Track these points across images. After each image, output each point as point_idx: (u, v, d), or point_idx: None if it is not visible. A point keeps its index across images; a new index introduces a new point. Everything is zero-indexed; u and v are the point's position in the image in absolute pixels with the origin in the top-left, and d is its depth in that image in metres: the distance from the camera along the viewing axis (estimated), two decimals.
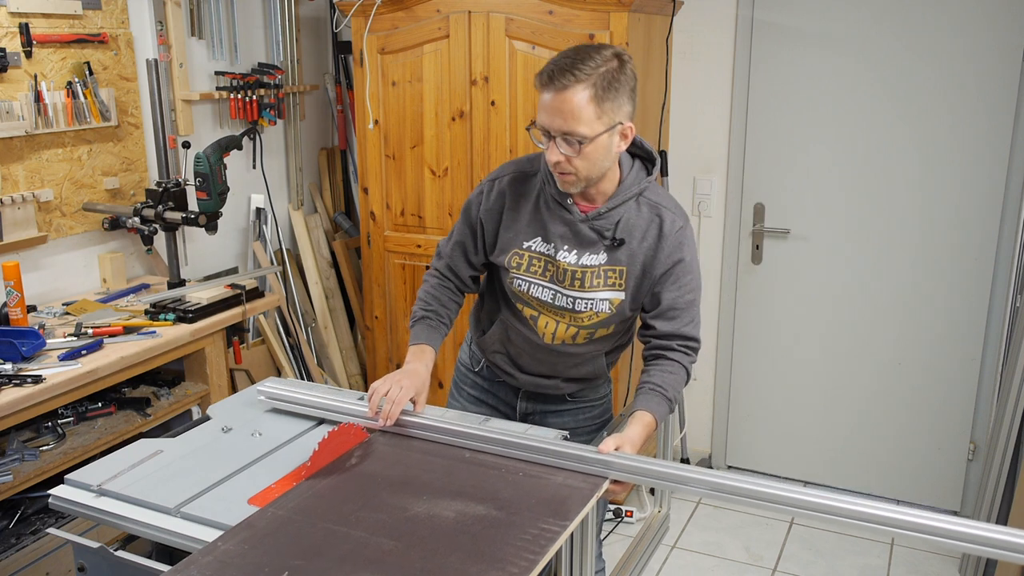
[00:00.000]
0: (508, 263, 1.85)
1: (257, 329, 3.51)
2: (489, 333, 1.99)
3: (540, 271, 1.83)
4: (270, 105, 3.51)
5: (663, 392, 1.75)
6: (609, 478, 1.56)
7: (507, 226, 1.87)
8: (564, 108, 1.63)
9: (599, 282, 1.80)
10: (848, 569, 2.99)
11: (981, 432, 3.22)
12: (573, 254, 1.80)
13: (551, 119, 1.65)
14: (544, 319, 1.87)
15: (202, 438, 1.78)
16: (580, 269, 1.79)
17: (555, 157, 1.68)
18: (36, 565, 2.28)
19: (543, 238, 1.82)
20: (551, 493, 1.50)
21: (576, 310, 1.82)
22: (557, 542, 1.34)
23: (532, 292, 1.85)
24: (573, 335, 1.86)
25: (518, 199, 1.86)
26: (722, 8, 3.28)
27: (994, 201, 3.04)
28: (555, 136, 1.67)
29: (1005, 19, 2.90)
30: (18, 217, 2.66)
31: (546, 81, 1.65)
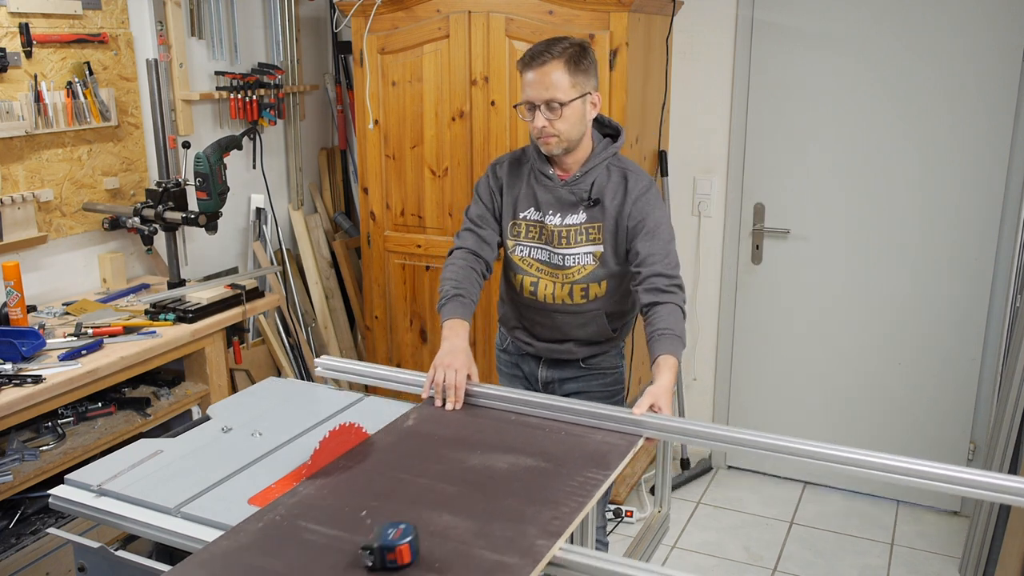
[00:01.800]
0: (509, 232, 2.18)
1: (257, 329, 3.51)
2: (505, 311, 2.32)
3: (536, 236, 2.15)
4: (270, 105, 3.51)
5: (672, 332, 1.96)
6: (643, 436, 1.76)
7: (507, 201, 2.19)
8: (544, 81, 1.99)
9: (581, 238, 2.11)
10: (848, 569, 2.99)
11: (981, 432, 3.22)
12: (558, 216, 2.12)
13: (535, 92, 2.00)
14: (543, 283, 2.16)
15: (202, 438, 1.78)
16: (564, 228, 2.11)
17: (540, 123, 2.01)
18: (36, 565, 2.28)
19: (535, 207, 2.15)
20: (592, 448, 1.68)
21: (566, 266, 2.13)
22: (602, 487, 1.54)
23: (532, 255, 2.16)
24: (569, 292, 2.15)
25: (514, 179, 2.19)
26: (722, 8, 3.28)
27: (994, 201, 3.04)
28: (539, 106, 2.01)
29: (1005, 19, 2.90)
30: (18, 217, 2.66)
31: (528, 61, 2.01)
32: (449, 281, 2.10)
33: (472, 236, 2.20)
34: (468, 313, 2.06)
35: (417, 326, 3.47)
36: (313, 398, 1.99)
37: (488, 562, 1.28)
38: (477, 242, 2.18)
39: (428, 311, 3.42)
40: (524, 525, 1.39)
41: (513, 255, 2.19)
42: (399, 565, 1.28)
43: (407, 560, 1.28)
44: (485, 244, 2.19)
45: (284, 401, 1.97)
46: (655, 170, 3.38)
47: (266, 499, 1.50)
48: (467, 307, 2.07)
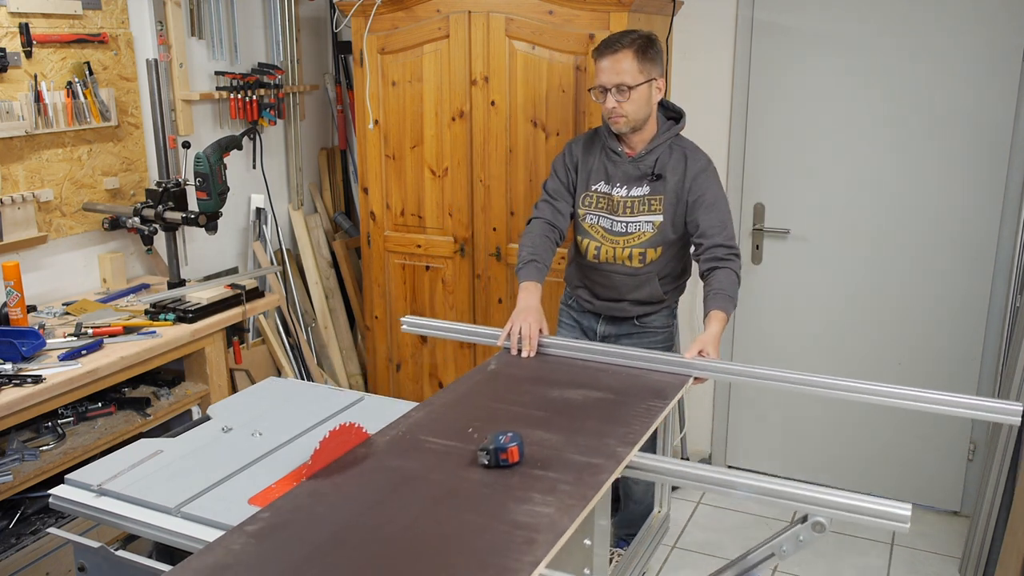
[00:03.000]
0: (580, 203, 2.49)
1: (257, 329, 3.51)
2: (571, 272, 2.65)
3: (603, 206, 2.46)
4: (270, 105, 3.51)
5: (724, 292, 2.28)
6: (693, 375, 2.06)
7: (581, 175, 2.51)
8: (616, 67, 2.31)
9: (644, 208, 2.42)
10: (848, 569, 2.99)
11: (981, 432, 3.22)
12: (624, 188, 2.44)
13: (607, 76, 2.33)
14: (604, 248, 2.47)
15: (202, 438, 1.78)
16: (629, 199, 2.43)
17: (611, 104, 2.34)
18: (36, 565, 2.28)
19: (605, 180, 2.46)
20: (651, 385, 2.00)
21: (627, 232, 2.44)
22: (663, 412, 1.86)
23: (599, 223, 2.47)
24: (628, 255, 2.46)
25: (588, 155, 2.51)
26: (722, 8, 3.28)
27: (994, 201, 3.04)
28: (610, 88, 2.33)
29: (1005, 19, 2.90)
30: (18, 217, 2.66)
31: (602, 50, 2.34)
32: (527, 248, 2.43)
33: (548, 207, 2.51)
34: (541, 276, 2.40)
35: None
36: (313, 398, 1.99)
37: (580, 463, 1.61)
38: (553, 213, 2.50)
39: (428, 311, 3.42)
40: (604, 438, 1.71)
41: (583, 222, 2.50)
42: (510, 463, 1.59)
43: (516, 459, 1.59)
44: (560, 215, 2.50)
45: (284, 401, 1.97)
46: None
47: (266, 499, 1.50)
48: (541, 271, 2.40)
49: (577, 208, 2.51)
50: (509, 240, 3.20)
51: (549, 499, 1.47)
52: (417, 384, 3.54)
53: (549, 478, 1.55)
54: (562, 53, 2.95)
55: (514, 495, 1.49)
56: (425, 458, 1.64)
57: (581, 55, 2.92)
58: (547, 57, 2.97)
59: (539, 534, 1.36)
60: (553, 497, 1.48)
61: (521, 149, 3.10)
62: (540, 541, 1.34)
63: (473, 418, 1.81)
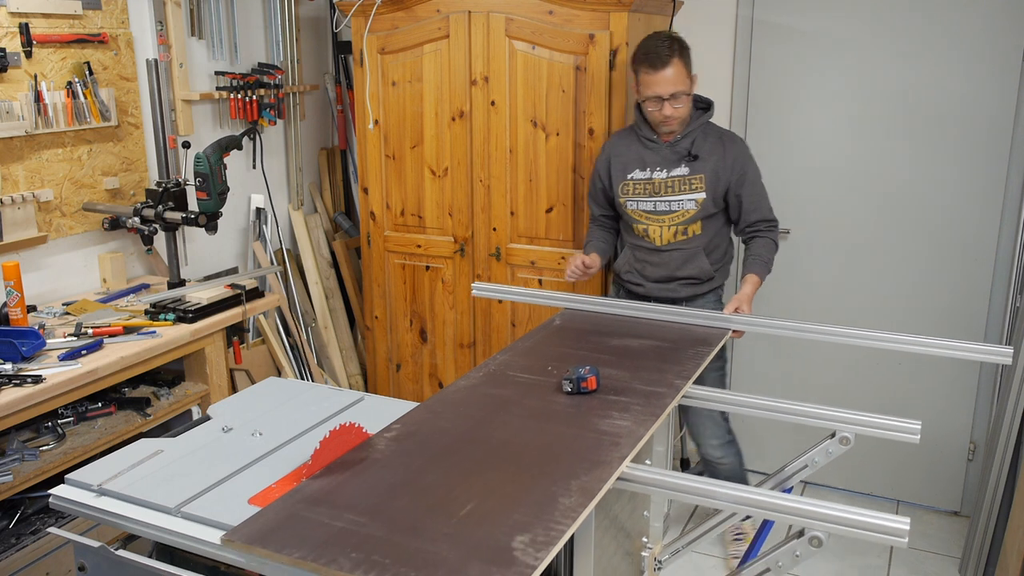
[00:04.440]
0: (620, 192, 2.73)
1: (257, 329, 3.51)
2: (621, 257, 2.84)
3: (642, 191, 2.69)
4: (270, 105, 3.51)
5: (761, 258, 2.67)
6: (731, 328, 2.36)
7: (616, 167, 2.74)
8: (670, 78, 2.51)
9: (685, 187, 2.64)
10: (848, 569, 2.99)
11: (981, 432, 3.22)
12: (663, 171, 2.66)
13: (664, 88, 2.52)
14: (652, 228, 2.70)
15: (202, 438, 1.78)
16: (670, 179, 2.65)
17: (669, 111, 2.55)
18: (36, 565, 2.28)
19: (640, 168, 2.68)
20: (697, 335, 2.31)
21: (672, 210, 2.66)
22: (710, 355, 2.15)
23: (640, 208, 2.70)
24: (673, 232, 2.68)
25: (622, 147, 2.74)
26: (722, 8, 3.28)
27: (994, 201, 3.04)
28: (667, 98, 2.53)
29: (1005, 19, 2.90)
30: (18, 217, 2.66)
31: (653, 63, 2.51)
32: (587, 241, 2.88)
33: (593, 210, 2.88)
34: (602, 252, 2.81)
35: (417, 326, 3.47)
36: (313, 398, 1.99)
37: (646, 391, 1.92)
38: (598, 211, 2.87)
39: (428, 311, 3.43)
40: (662, 373, 2.01)
41: (626, 209, 2.73)
42: (589, 391, 1.89)
43: (594, 387, 1.89)
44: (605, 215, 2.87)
45: (284, 401, 1.97)
46: None
47: (266, 499, 1.50)
48: (602, 250, 2.81)
49: (618, 198, 2.73)
50: (509, 240, 3.20)
51: (625, 415, 1.79)
52: (417, 384, 3.54)
53: (622, 401, 1.86)
54: (562, 53, 2.95)
55: (596, 413, 1.80)
56: (516, 388, 1.95)
57: (581, 55, 2.92)
58: (547, 57, 2.98)
59: (622, 439, 1.68)
60: (628, 414, 1.79)
61: (521, 149, 3.10)
62: (623, 443, 1.66)
63: (549, 359, 2.12)
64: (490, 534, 1.35)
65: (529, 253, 3.18)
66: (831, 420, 1.90)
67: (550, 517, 1.39)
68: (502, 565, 1.26)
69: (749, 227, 2.71)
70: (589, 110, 2.96)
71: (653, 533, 2.12)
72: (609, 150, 2.77)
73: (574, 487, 1.49)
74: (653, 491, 1.61)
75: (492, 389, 1.94)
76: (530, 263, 3.18)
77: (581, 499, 1.46)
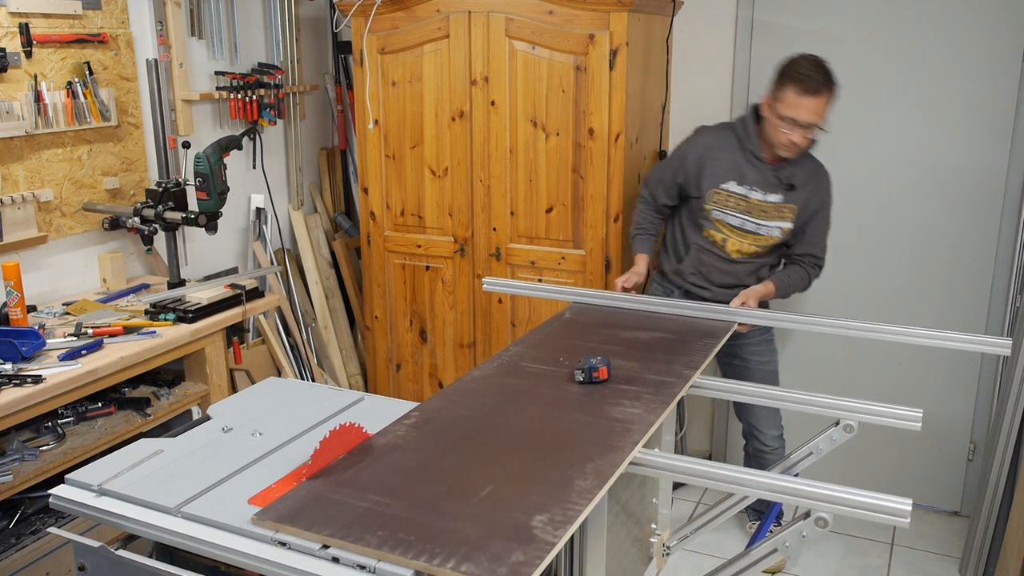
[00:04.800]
0: (708, 199, 2.69)
1: (257, 329, 3.51)
2: (686, 261, 2.82)
3: (734, 205, 2.66)
4: (270, 105, 3.51)
5: (787, 276, 2.72)
6: (737, 322, 2.43)
7: (709, 172, 2.67)
8: (817, 109, 2.48)
9: (777, 215, 2.66)
10: (848, 569, 2.99)
11: (981, 432, 3.22)
12: (760, 192, 2.64)
13: (806, 115, 2.48)
14: (732, 241, 2.72)
15: (202, 438, 1.77)
16: (765, 204, 2.65)
17: (798, 139, 2.52)
18: (36, 565, 2.28)
19: (737, 181, 2.64)
20: (704, 328, 2.38)
21: (758, 233, 2.69)
22: (716, 347, 2.23)
23: (727, 220, 2.69)
24: (752, 252, 2.73)
25: (720, 152, 2.68)
26: (722, 8, 3.28)
27: (994, 201, 3.04)
28: (803, 126, 2.49)
29: (1005, 19, 2.90)
30: (18, 217, 2.66)
31: (811, 88, 2.46)
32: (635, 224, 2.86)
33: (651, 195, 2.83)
34: (650, 247, 2.82)
35: (417, 326, 3.47)
36: (313, 398, 1.99)
37: (655, 380, 1.99)
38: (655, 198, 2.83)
39: (428, 311, 3.43)
40: (671, 364, 2.09)
41: (710, 216, 2.70)
42: (600, 380, 1.96)
43: (605, 377, 1.96)
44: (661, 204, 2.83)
45: (284, 401, 1.97)
46: None
47: (266, 499, 1.50)
48: (648, 241, 2.82)
49: (704, 203, 2.70)
50: (509, 240, 3.20)
51: (636, 404, 1.86)
52: (417, 384, 3.54)
53: (633, 390, 1.93)
54: (562, 53, 2.95)
55: (608, 401, 1.87)
56: (529, 378, 2.02)
57: (581, 55, 2.92)
58: (547, 57, 2.98)
59: (633, 425, 1.75)
60: (639, 402, 1.86)
61: (521, 149, 3.10)
62: (635, 430, 1.73)
63: (560, 351, 2.19)
64: (510, 514, 1.41)
65: (529, 253, 3.18)
66: (835, 408, 1.96)
67: (567, 498, 1.46)
68: (523, 542, 1.32)
69: (797, 255, 2.74)
70: (589, 110, 2.96)
71: (661, 520, 2.20)
72: (704, 150, 2.71)
73: (589, 470, 1.56)
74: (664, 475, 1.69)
75: (506, 379, 2.01)
76: (530, 263, 3.18)
77: (596, 481, 1.52)
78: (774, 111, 2.54)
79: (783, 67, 2.54)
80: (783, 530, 1.65)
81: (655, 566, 2.15)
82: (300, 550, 1.35)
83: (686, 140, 2.81)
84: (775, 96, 2.53)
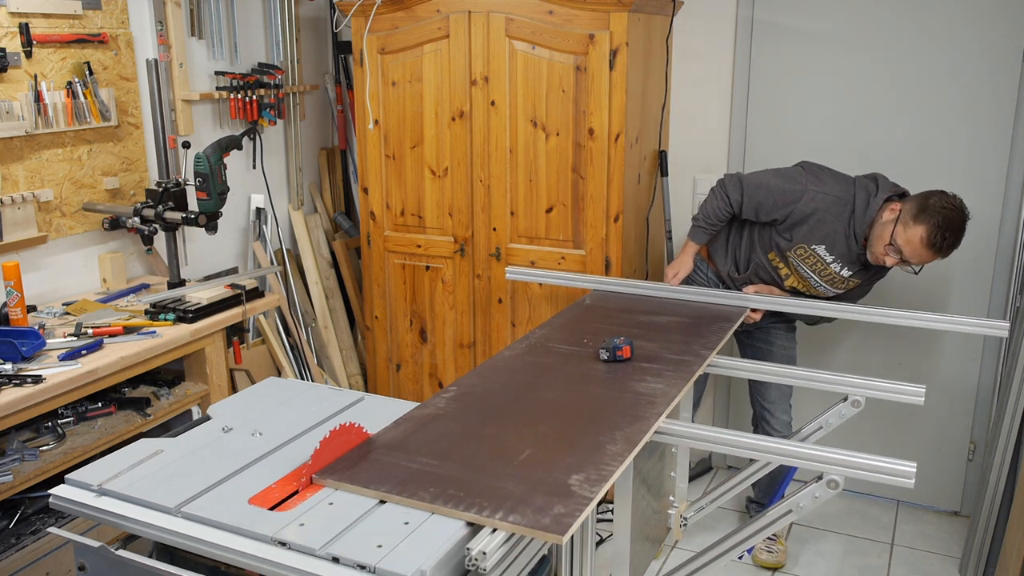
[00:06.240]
0: (794, 252, 2.72)
1: (257, 329, 3.51)
2: (743, 273, 2.88)
3: (811, 266, 2.72)
4: (270, 105, 3.51)
5: None
6: (749, 307, 2.63)
7: (807, 229, 2.66)
8: (928, 260, 2.48)
9: (842, 284, 2.74)
10: (848, 569, 2.99)
11: (981, 432, 3.22)
12: (840, 266, 2.69)
13: (917, 259, 2.48)
14: (792, 280, 2.79)
15: (202, 438, 1.78)
16: (837, 276, 2.71)
17: (891, 263, 2.54)
18: (36, 565, 2.28)
19: (827, 249, 2.67)
20: (718, 312, 2.57)
21: (818, 289, 2.77)
22: (732, 329, 2.43)
23: (799, 271, 2.75)
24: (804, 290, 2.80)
25: (828, 219, 2.64)
26: (722, 8, 3.28)
27: (994, 201, 3.04)
28: (905, 260, 2.50)
29: (1005, 19, 2.90)
30: (18, 217, 2.66)
31: (936, 250, 2.43)
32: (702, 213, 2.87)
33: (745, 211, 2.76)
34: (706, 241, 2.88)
35: (417, 326, 3.47)
36: (313, 398, 1.99)
37: (675, 359, 2.14)
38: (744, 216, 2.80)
39: (428, 311, 3.43)
40: (689, 345, 2.25)
41: (786, 258, 2.74)
42: (624, 359, 2.11)
43: (628, 355, 2.11)
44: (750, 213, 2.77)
45: (284, 401, 1.97)
46: (655, 170, 3.39)
47: (266, 499, 1.50)
48: (708, 237, 2.88)
49: (788, 251, 2.72)
50: (509, 240, 3.20)
51: (658, 380, 2.00)
52: (417, 384, 3.54)
53: (655, 368, 2.08)
54: (562, 53, 2.95)
55: (632, 378, 2.02)
56: (556, 357, 2.17)
57: (581, 55, 2.92)
58: (547, 57, 2.98)
59: (657, 398, 1.89)
60: (661, 379, 2.01)
61: (521, 149, 3.10)
62: (658, 402, 1.87)
63: (584, 333, 2.34)
64: (548, 474, 1.55)
65: (529, 253, 3.18)
66: (843, 385, 2.10)
67: (600, 460, 1.60)
68: (562, 496, 1.47)
69: None
70: (589, 110, 2.96)
71: (679, 492, 2.37)
72: (817, 206, 2.62)
73: (618, 437, 1.70)
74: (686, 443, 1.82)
75: (535, 358, 2.17)
76: (530, 263, 3.18)
77: (626, 446, 1.66)
78: (893, 229, 2.48)
79: (930, 202, 2.44)
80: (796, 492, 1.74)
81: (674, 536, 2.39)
82: (300, 550, 1.36)
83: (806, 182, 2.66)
84: (903, 220, 2.45)
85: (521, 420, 1.80)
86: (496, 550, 1.35)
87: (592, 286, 2.82)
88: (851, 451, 1.68)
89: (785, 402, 3.01)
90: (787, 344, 3.00)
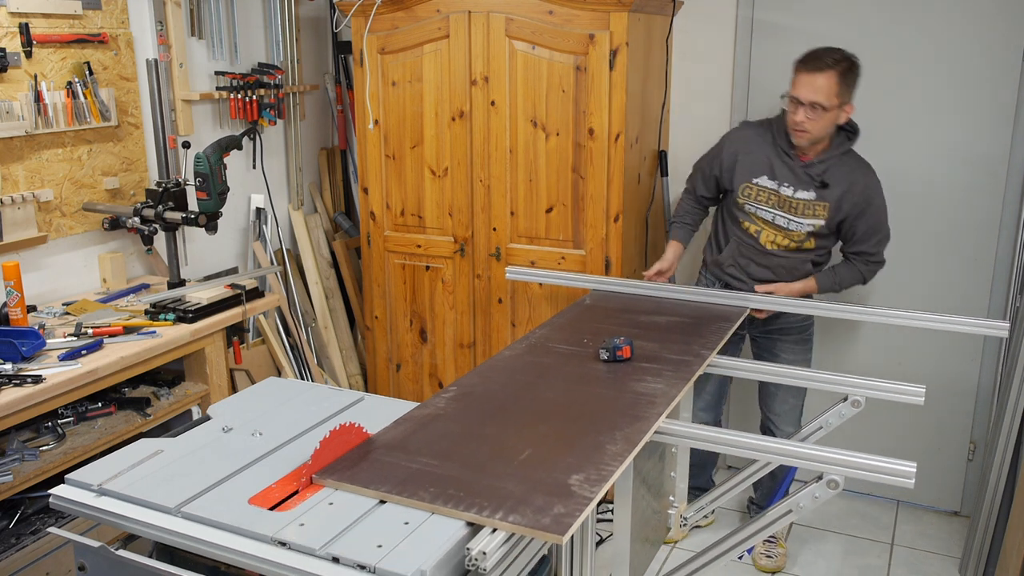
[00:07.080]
0: (740, 193, 2.72)
1: (257, 329, 3.51)
2: (725, 252, 2.83)
3: (767, 201, 2.69)
4: (270, 105, 3.51)
5: (835, 274, 2.75)
6: (750, 306, 2.59)
7: (742, 167, 2.71)
8: (815, 84, 2.46)
9: (808, 212, 2.65)
10: (848, 569, 2.99)
11: (981, 432, 3.22)
12: (791, 189, 2.64)
13: (805, 92, 2.48)
14: (766, 233, 2.73)
15: (202, 438, 1.78)
16: (796, 200, 2.64)
17: (800, 118, 2.51)
18: (36, 565, 2.28)
19: (768, 176, 2.66)
20: (718, 312, 2.55)
21: (788, 229, 2.69)
22: (732, 329, 2.39)
23: (759, 214, 2.71)
24: (786, 245, 2.72)
25: (753, 147, 2.70)
26: (722, 8, 3.28)
27: (994, 201, 3.04)
28: (804, 103, 2.48)
29: (1005, 19, 2.90)
30: (18, 217, 2.66)
31: (808, 63, 2.48)
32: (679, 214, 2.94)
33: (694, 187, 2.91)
34: (686, 236, 2.91)
35: (417, 326, 3.47)
36: (313, 398, 1.99)
37: (675, 359, 2.13)
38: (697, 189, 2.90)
39: (428, 311, 3.43)
40: (689, 345, 2.23)
41: (744, 208, 2.73)
42: (624, 359, 2.09)
43: (628, 355, 2.10)
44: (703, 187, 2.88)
45: (284, 401, 1.97)
46: (655, 170, 3.38)
47: (266, 499, 1.50)
48: (684, 229, 2.90)
49: (736, 196, 2.74)
50: (509, 240, 3.20)
51: (658, 380, 1.99)
52: (417, 384, 3.54)
53: (655, 368, 2.07)
54: (562, 53, 2.95)
55: (632, 378, 2.01)
56: (556, 357, 2.16)
57: (581, 55, 2.92)
58: (547, 57, 2.98)
59: (656, 398, 1.88)
60: (661, 379, 2.00)
61: (521, 149, 3.10)
62: (658, 402, 1.86)
63: (584, 333, 2.32)
64: (548, 474, 1.55)
65: (529, 253, 3.18)
66: (843, 385, 2.10)
67: (600, 460, 1.60)
68: (562, 496, 1.47)
69: (850, 252, 2.75)
70: (589, 110, 2.96)
71: (679, 493, 2.36)
72: (739, 143, 2.76)
73: (618, 437, 1.70)
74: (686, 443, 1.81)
75: (535, 358, 2.16)
76: (530, 263, 3.18)
77: (625, 446, 1.66)
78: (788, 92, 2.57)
79: None
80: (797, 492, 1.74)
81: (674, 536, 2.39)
82: (300, 550, 1.36)
83: (726, 133, 2.87)
84: None
85: (521, 420, 1.80)
86: (496, 550, 1.35)
87: (592, 286, 2.82)
88: (851, 451, 1.67)
89: (792, 415, 2.98)
90: (794, 358, 2.91)
